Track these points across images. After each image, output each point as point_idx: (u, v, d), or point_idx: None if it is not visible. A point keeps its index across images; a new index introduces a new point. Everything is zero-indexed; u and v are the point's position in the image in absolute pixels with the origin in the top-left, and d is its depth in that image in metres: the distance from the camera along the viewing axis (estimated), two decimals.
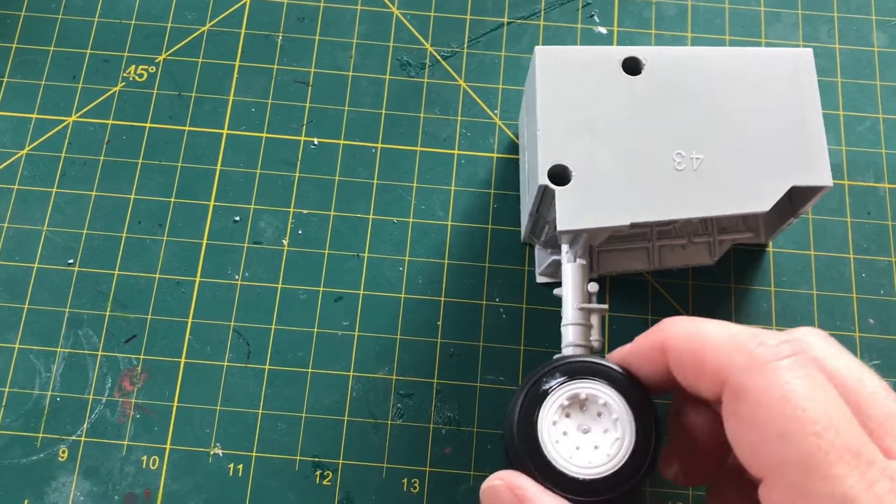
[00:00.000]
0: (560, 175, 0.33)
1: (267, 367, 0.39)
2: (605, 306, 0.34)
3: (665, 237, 0.39)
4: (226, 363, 0.39)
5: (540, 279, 0.40)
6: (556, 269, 0.39)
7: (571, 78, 0.34)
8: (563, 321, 0.34)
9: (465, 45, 0.45)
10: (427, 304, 0.40)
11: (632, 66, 0.35)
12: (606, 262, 0.39)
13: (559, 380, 0.30)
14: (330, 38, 0.45)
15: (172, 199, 0.42)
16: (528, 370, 0.39)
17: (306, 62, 0.44)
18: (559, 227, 0.32)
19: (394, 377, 0.39)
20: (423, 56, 0.45)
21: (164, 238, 0.41)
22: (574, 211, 0.32)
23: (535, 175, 0.34)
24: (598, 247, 0.39)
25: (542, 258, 0.40)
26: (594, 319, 0.34)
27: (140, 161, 0.42)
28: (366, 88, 0.44)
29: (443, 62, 0.44)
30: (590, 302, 0.34)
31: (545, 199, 0.35)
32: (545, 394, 0.30)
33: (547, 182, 0.33)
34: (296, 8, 0.45)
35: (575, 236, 0.34)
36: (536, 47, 0.35)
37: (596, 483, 0.29)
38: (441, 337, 0.40)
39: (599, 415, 0.30)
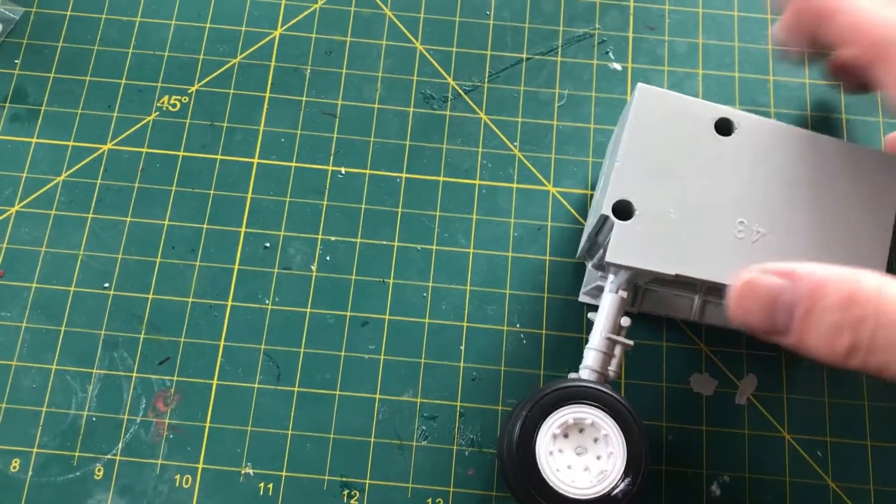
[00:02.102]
0: (623, 210, 0.34)
1: (296, 388, 0.41)
2: (631, 343, 0.35)
3: (713, 294, 0.40)
4: (256, 385, 0.41)
5: (582, 298, 0.42)
6: (599, 293, 0.40)
7: (663, 121, 0.35)
8: (589, 344, 0.35)
9: (486, 80, 0.47)
10: (450, 328, 0.42)
11: (724, 127, 0.35)
12: (649, 300, 0.41)
13: (561, 405, 0.33)
14: (356, 71, 0.46)
15: (205, 226, 0.43)
16: None
17: (333, 94, 0.46)
18: (607, 258, 0.34)
19: (418, 400, 0.41)
20: (445, 90, 0.46)
21: (197, 263, 0.42)
22: (626, 247, 0.34)
23: (600, 204, 0.35)
24: (645, 284, 0.40)
25: (590, 279, 0.41)
26: (617, 350, 0.35)
27: (174, 188, 0.44)
28: (391, 120, 0.46)
29: (464, 96, 0.46)
30: (619, 334, 0.35)
31: (605, 227, 0.36)
32: (545, 416, 0.33)
33: (609, 214, 0.34)
34: (324, 42, 0.47)
35: (621, 270, 0.35)
36: (639, 84, 0.36)
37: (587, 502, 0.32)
38: (464, 361, 0.41)
39: (595, 440, 0.34)
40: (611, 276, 0.36)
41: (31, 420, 0.40)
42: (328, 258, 0.43)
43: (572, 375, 0.36)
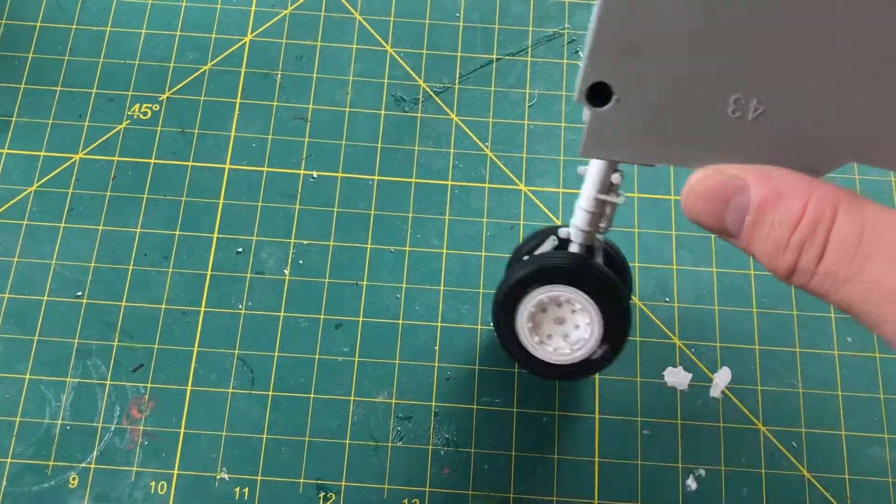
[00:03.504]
0: (599, 95, 0.29)
1: (270, 392, 0.41)
2: (622, 199, 0.35)
3: None
4: (230, 390, 0.41)
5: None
6: None
7: None
8: (578, 203, 0.35)
9: (457, 81, 0.47)
10: (424, 329, 0.42)
11: None
12: None
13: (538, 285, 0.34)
14: (327, 75, 0.47)
15: (177, 232, 0.43)
16: (522, 393, 0.41)
17: (304, 99, 0.46)
18: (581, 151, 0.30)
19: (393, 401, 0.41)
20: (416, 92, 0.46)
21: (170, 270, 0.42)
22: (602, 138, 0.29)
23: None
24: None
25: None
26: (608, 208, 0.35)
27: (145, 196, 0.44)
28: (362, 123, 0.46)
29: (435, 97, 0.46)
30: (608, 193, 0.34)
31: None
32: (523, 296, 0.34)
33: (583, 100, 0.29)
34: (294, 47, 0.47)
35: None
36: None
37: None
38: (438, 361, 0.41)
39: (573, 311, 0.35)
40: None
41: (5, 430, 0.40)
42: (301, 262, 0.43)
43: (563, 231, 0.36)
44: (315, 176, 0.45)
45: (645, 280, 0.43)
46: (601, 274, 0.34)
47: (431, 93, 0.47)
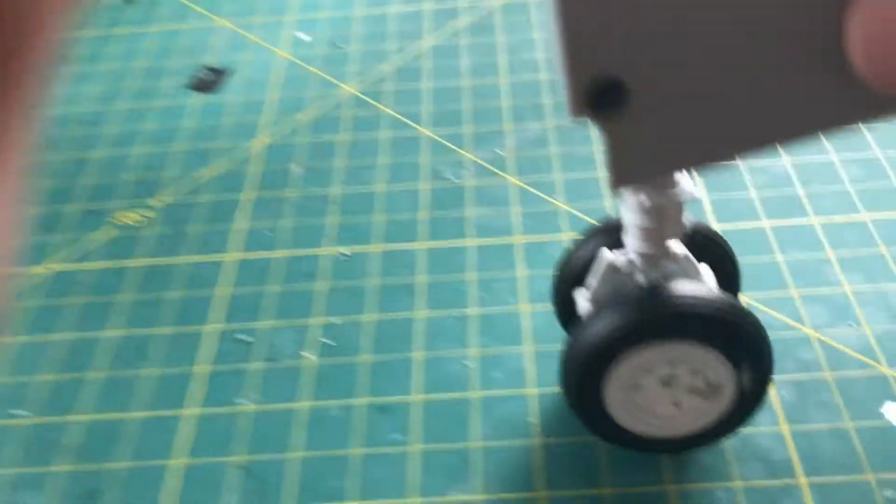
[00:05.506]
0: (608, 96, 0.18)
1: None
2: (689, 195, 0.23)
3: None
4: None
5: None
6: None
7: None
8: (625, 216, 0.23)
9: (508, 149, 0.38)
10: (509, 400, 0.28)
11: None
12: None
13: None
14: (356, 161, 0.39)
15: (159, 330, 0.32)
16: (678, 460, 0.26)
17: (328, 184, 0.38)
18: (612, 186, 0.19)
19: (480, 496, 0.26)
20: (460, 164, 0.38)
21: (142, 372, 0.31)
22: (632, 158, 0.19)
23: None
24: None
25: None
26: (670, 213, 0.23)
27: (125, 297, 0.33)
28: (399, 197, 0.37)
29: (486, 164, 0.38)
30: (663, 192, 0.22)
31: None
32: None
33: (583, 114, 0.18)
34: (316, 145, 0.40)
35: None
36: None
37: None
38: (542, 435, 0.27)
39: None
40: None
41: None
42: (330, 342, 0.31)
43: (611, 256, 0.24)
44: (346, 252, 0.34)
45: (812, 309, 0.30)
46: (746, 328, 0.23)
47: (481, 161, 0.38)
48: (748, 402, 0.24)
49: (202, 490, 0.27)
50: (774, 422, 0.27)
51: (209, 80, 0.44)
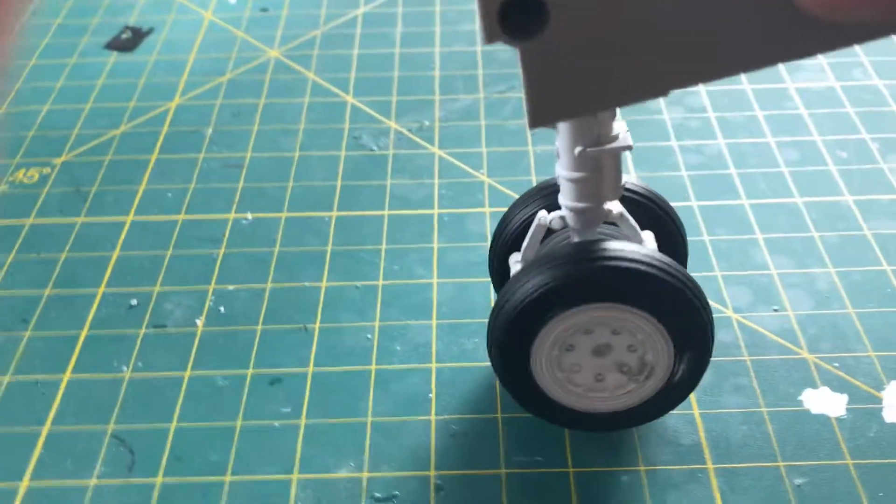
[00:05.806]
0: (525, 13, 0.16)
1: (159, 479, 0.24)
2: (624, 144, 0.21)
3: None
4: (93, 481, 0.24)
5: None
6: None
7: None
8: (559, 169, 0.22)
9: (437, 120, 0.37)
10: (410, 374, 0.27)
11: None
12: None
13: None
14: (271, 126, 0.37)
15: (46, 292, 0.30)
16: (579, 444, 0.25)
17: (241, 149, 0.36)
18: (529, 122, 0.18)
19: (364, 474, 0.24)
20: (384, 133, 0.36)
21: (27, 334, 0.28)
22: (552, 89, 0.17)
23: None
24: None
25: None
26: (606, 162, 0.21)
27: (11, 256, 0.31)
28: (315, 165, 0.35)
29: (411, 135, 0.36)
30: (600, 141, 0.21)
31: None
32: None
33: (498, 36, 0.16)
34: (230, 107, 0.38)
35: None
36: None
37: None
38: (436, 413, 0.26)
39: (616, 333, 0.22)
40: None
41: None
42: (222, 309, 0.29)
43: (547, 218, 0.23)
44: (249, 218, 0.32)
45: (736, 291, 0.29)
46: (671, 281, 0.21)
47: (406, 132, 0.36)
48: (673, 393, 0.23)
49: (70, 458, 0.25)
50: (687, 405, 0.25)
51: (128, 40, 0.41)
